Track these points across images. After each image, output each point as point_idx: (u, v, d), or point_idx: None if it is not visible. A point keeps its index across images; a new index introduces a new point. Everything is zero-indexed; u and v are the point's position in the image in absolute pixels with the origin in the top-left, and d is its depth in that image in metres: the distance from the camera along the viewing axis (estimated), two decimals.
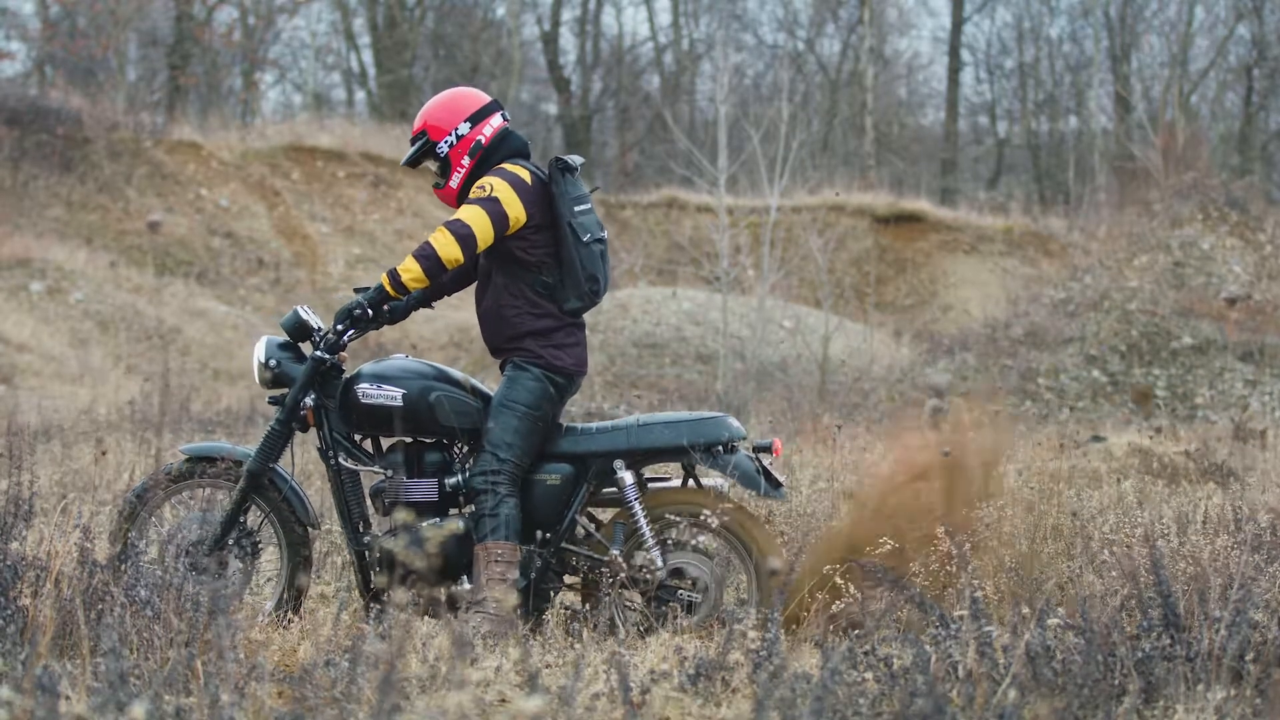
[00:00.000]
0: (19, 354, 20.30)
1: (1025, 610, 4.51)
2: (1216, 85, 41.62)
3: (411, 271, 5.55)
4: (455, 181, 5.76)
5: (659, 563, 5.61)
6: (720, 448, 5.69)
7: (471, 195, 5.60)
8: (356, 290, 5.77)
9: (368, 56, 40.56)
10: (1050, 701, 3.93)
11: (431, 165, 5.83)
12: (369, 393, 5.68)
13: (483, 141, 5.73)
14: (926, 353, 21.79)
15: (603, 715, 4.15)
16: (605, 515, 5.90)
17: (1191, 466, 10.39)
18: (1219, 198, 23.27)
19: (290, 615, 5.59)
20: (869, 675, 4.19)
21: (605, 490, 5.75)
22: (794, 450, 10.41)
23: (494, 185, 5.58)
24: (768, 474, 5.72)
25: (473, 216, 5.54)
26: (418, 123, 5.80)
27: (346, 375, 5.78)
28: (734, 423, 5.77)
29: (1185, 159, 25.03)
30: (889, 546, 5.51)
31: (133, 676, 4.04)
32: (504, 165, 5.69)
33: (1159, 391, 18.97)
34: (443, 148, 5.75)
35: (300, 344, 5.84)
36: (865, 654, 4.23)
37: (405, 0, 38.52)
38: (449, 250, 5.52)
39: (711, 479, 5.87)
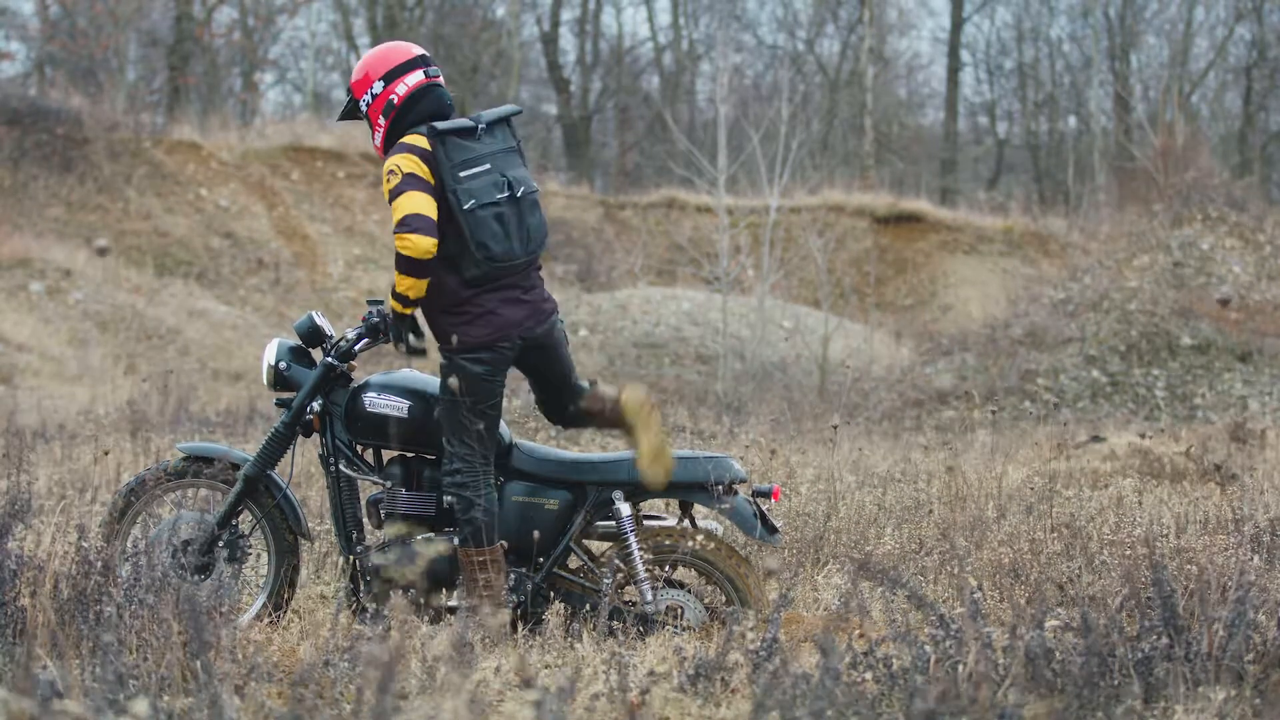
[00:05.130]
0: (19, 354, 20.29)
1: (1025, 610, 4.50)
2: (1216, 85, 41.63)
3: (403, 283, 5.43)
4: (377, 139, 5.65)
5: (649, 598, 5.60)
6: (719, 488, 5.68)
7: (387, 185, 5.46)
8: (371, 302, 5.75)
9: None
10: (1050, 702, 3.93)
11: (363, 121, 5.73)
12: (375, 402, 5.69)
13: (395, 101, 5.58)
14: (926, 353, 21.78)
15: (602, 715, 4.15)
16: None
17: (1191, 467, 10.38)
18: (1219, 198, 23.26)
19: (276, 619, 5.60)
20: (869, 675, 4.19)
21: (602, 523, 5.75)
22: (794, 450, 10.40)
23: (399, 164, 5.43)
24: (764, 518, 5.70)
25: (405, 203, 5.37)
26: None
27: (354, 384, 5.78)
28: (735, 464, 5.75)
29: (1185, 159, 25.02)
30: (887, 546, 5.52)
31: (131, 677, 4.03)
32: (404, 138, 5.52)
33: (1159, 392, 18.97)
34: (362, 105, 5.66)
35: (311, 349, 5.85)
36: (865, 654, 4.23)
37: (405, 0, 38.52)
38: (412, 246, 5.35)
39: (708, 519, 5.87)
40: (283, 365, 5.83)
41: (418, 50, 5.68)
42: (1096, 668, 4.06)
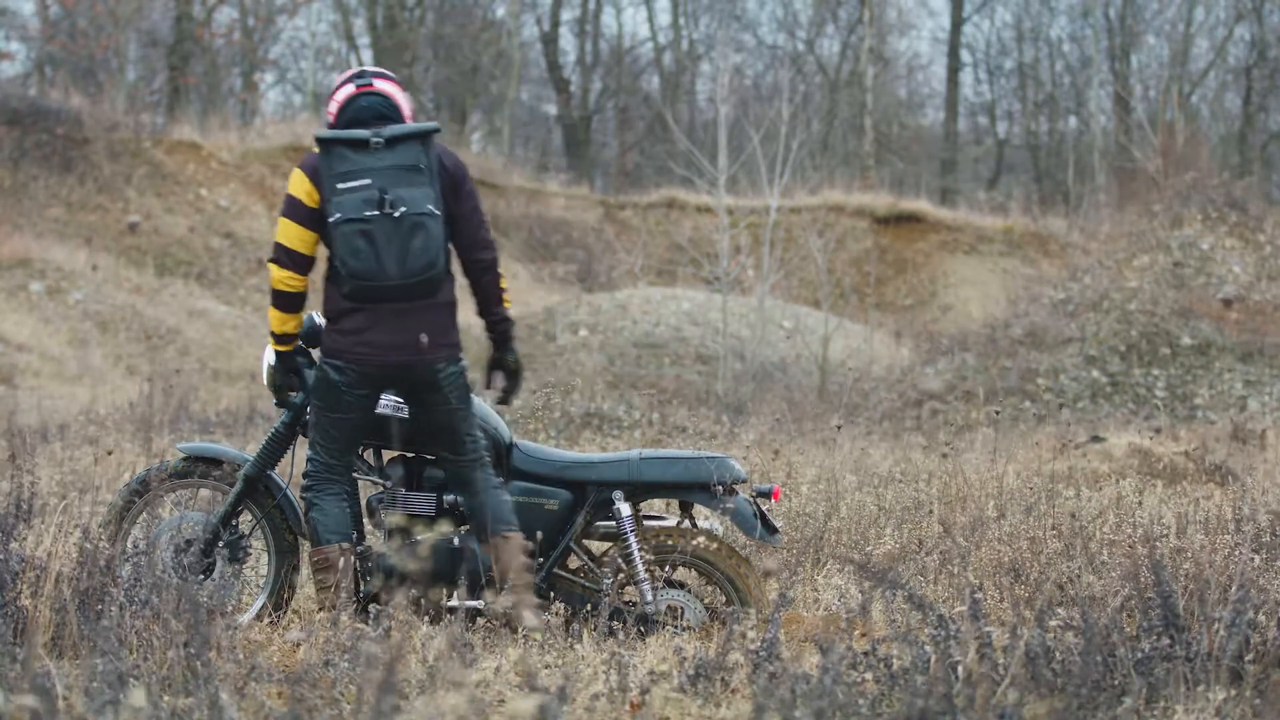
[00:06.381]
0: (19, 354, 20.29)
1: (1025, 610, 4.50)
2: (1216, 85, 41.64)
3: (271, 316, 5.49)
4: None
5: (649, 598, 5.61)
6: (720, 488, 5.67)
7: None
8: None
9: (368, 57, 40.56)
10: (1050, 702, 3.93)
11: None
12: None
13: (329, 121, 5.57)
14: (926, 353, 21.78)
15: (602, 715, 4.15)
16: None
17: (1191, 467, 10.38)
18: (1219, 198, 23.25)
19: (276, 619, 5.60)
20: (869, 675, 4.19)
21: (602, 523, 5.75)
22: (795, 450, 10.40)
23: (290, 183, 5.43)
24: (764, 518, 5.70)
25: (278, 231, 5.39)
26: None
27: None
28: (735, 464, 5.74)
29: (1185, 159, 25.03)
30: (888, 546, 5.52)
31: (131, 677, 4.03)
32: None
33: (1159, 392, 18.97)
34: None
35: (311, 349, 5.84)
36: (865, 654, 4.23)
37: (405, 0, 38.51)
38: (272, 276, 5.42)
39: (708, 519, 5.87)
40: None
41: (359, 70, 5.65)
42: (1096, 668, 4.06)
